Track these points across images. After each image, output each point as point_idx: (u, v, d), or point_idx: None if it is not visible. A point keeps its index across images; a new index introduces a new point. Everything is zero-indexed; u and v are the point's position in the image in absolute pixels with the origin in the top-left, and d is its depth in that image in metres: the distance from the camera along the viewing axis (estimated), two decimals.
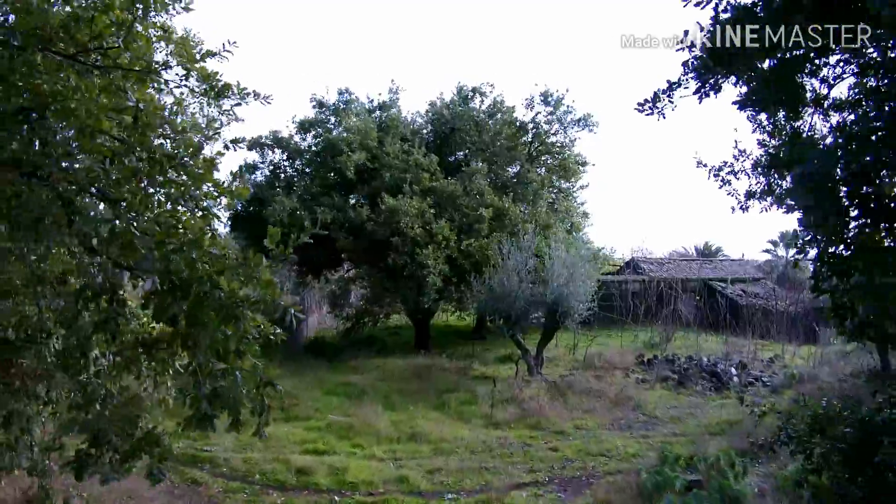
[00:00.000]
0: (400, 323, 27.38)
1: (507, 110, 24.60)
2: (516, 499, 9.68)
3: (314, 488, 10.03)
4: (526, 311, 18.14)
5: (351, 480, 10.22)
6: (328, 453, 11.49)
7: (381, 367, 18.74)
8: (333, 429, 12.87)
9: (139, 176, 3.27)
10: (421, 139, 23.03)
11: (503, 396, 15.08)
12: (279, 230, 3.36)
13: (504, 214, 20.97)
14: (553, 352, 20.93)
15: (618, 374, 18.53)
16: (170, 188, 3.43)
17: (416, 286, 19.19)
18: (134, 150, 3.35)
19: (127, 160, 3.32)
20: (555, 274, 17.55)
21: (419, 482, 10.27)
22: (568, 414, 14.41)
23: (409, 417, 13.69)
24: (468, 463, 11.17)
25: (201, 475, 10.41)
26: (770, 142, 6.92)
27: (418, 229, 19.00)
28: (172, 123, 4.06)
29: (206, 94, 4.42)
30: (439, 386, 16.42)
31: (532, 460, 11.52)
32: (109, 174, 3.22)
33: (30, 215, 3.29)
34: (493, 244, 19.12)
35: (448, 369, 18.54)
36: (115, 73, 3.56)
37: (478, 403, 14.89)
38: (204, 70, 4.19)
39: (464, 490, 10.09)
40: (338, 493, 9.79)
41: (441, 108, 24.25)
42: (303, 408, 14.20)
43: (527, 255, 18.27)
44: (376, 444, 12.09)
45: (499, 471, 10.90)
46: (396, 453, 11.65)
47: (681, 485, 8.76)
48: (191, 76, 4.04)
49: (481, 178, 21.40)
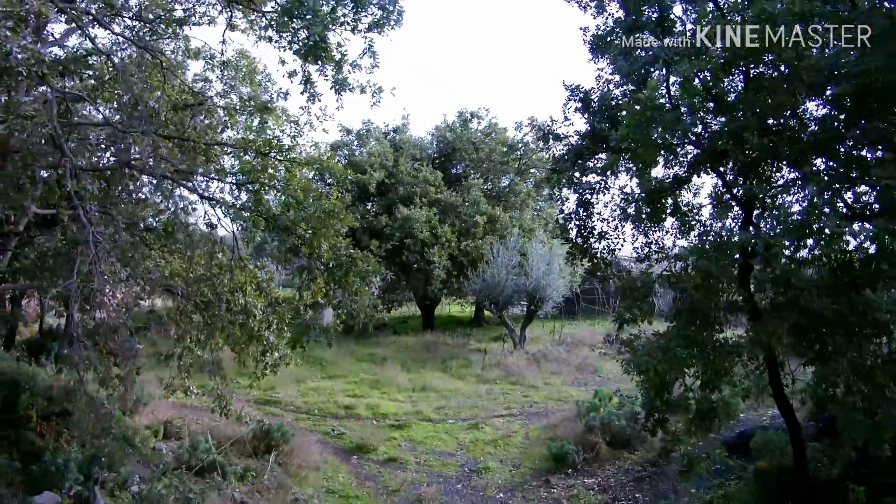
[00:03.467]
0: (408, 314, 31.52)
1: (499, 131, 28.59)
2: (495, 422, 13.84)
3: (357, 417, 14.20)
4: (511, 297, 22.26)
5: (382, 412, 14.38)
6: (364, 397, 15.65)
7: (397, 342, 22.92)
8: (365, 382, 17.07)
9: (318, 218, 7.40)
10: (427, 157, 27.09)
11: (492, 362, 19.22)
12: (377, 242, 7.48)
13: (496, 220, 25.07)
14: (537, 332, 25.04)
15: (585, 349, 22.55)
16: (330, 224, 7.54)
17: (425, 278, 23.33)
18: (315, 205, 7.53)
19: (313, 210, 7.44)
20: (534, 268, 21.67)
21: (429, 414, 14.44)
22: (540, 375, 18.52)
23: (420, 376, 17.84)
24: (463, 403, 15.34)
25: (277, 410, 14.55)
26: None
27: (426, 233, 23.11)
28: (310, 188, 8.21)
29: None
30: (443, 355, 20.57)
31: (509, 403, 15.66)
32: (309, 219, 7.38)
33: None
34: (486, 245, 23.25)
35: (450, 344, 22.69)
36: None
37: (472, 367, 19.05)
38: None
39: (460, 418, 14.24)
40: (374, 419, 13.96)
41: (444, 130, 28.29)
42: (341, 370, 18.40)
43: (513, 253, 22.40)
44: (397, 392, 16.26)
45: (484, 408, 15.04)
46: (412, 398, 15.81)
47: (604, 409, 12.82)
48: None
49: (477, 190, 25.49)
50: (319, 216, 7.41)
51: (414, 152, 26.58)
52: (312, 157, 8.03)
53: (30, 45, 5.67)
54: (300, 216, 7.68)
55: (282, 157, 7.83)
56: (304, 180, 7.98)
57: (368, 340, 23.85)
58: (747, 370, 8.51)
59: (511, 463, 11.64)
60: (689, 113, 5.96)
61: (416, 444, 12.52)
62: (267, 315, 8.28)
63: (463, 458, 11.86)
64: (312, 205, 7.62)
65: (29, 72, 5.54)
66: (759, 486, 8.93)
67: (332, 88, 7.42)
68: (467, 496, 10.25)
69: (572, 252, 8.18)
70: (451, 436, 13.05)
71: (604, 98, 6.84)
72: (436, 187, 24.94)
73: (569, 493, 10.21)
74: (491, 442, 12.69)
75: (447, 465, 11.49)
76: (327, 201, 7.35)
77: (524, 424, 13.82)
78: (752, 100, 5.51)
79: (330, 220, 7.40)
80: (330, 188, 8.08)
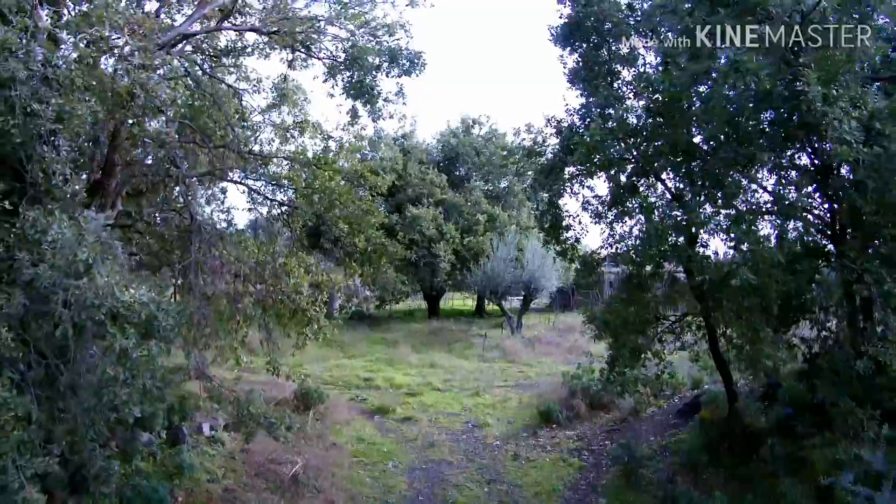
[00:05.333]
0: (414, 307, 33.75)
1: (499, 136, 30.74)
2: (494, 391, 16.04)
3: (376, 387, 16.38)
4: (509, 288, 24.47)
5: (397, 384, 16.57)
6: (380, 372, 17.83)
7: (406, 328, 25.14)
8: (381, 361, 19.27)
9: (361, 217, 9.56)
10: (433, 160, 29.26)
11: (491, 345, 21.41)
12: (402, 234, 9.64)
13: (495, 219, 27.27)
14: (533, 321, 27.24)
15: (576, 334, 24.65)
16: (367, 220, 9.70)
17: (431, 271, 25.52)
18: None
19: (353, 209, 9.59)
20: (529, 262, 23.86)
21: (437, 385, 16.62)
22: (534, 355, 20.71)
23: (428, 356, 20.02)
24: (466, 377, 17.53)
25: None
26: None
27: (433, 230, 25.29)
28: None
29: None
30: (448, 339, 22.78)
31: (506, 377, 17.85)
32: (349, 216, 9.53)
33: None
34: (487, 240, 25.44)
35: (454, 330, 24.90)
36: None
37: (474, 349, 21.26)
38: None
39: (464, 388, 16.43)
40: (391, 389, 16.14)
41: (448, 135, 30.46)
42: (358, 350, 20.61)
43: (510, 248, 24.59)
44: (409, 368, 18.46)
45: (485, 381, 17.23)
46: (422, 373, 18.01)
47: (585, 378, 14.97)
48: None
49: (478, 191, 27.67)
50: (358, 213, 9.59)
51: (421, 157, 28.74)
52: (354, 167, 10.18)
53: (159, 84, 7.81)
54: (342, 213, 9.84)
55: (327, 168, 10.00)
56: (346, 185, 10.12)
57: (380, 327, 26.11)
58: (695, 337, 10.76)
59: (506, 421, 13.82)
60: (616, 144, 8.20)
61: (428, 407, 14.70)
62: (313, 293, 10.47)
63: (466, 417, 14.04)
64: (353, 204, 9.78)
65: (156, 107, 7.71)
66: (702, 431, 11.10)
67: (369, 116, 9.62)
68: (470, 443, 12.44)
69: (547, 239, 10.44)
70: (457, 401, 15.24)
71: (569, 128, 9.03)
72: (441, 189, 27.10)
73: (552, 441, 12.41)
74: (490, 405, 14.87)
75: (454, 422, 13.68)
76: (364, 202, 9.52)
77: (518, 393, 16.00)
78: (659, 133, 7.76)
79: (366, 216, 9.58)
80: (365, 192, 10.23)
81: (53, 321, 4.63)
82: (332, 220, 9.88)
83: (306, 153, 10.39)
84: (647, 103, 8.04)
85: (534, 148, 10.14)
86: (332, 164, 9.66)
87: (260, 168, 10.39)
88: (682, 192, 8.52)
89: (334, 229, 10.14)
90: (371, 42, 9.03)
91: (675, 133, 7.54)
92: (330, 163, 9.68)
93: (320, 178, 9.69)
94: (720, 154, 7.12)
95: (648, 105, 7.99)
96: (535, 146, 10.15)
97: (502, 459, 11.65)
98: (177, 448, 9.50)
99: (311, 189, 9.78)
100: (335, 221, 9.84)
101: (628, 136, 8.30)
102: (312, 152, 10.42)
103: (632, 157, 8.60)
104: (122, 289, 4.72)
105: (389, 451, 11.84)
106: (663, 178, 8.95)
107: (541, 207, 10.50)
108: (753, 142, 6.92)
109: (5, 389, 4.67)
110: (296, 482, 9.75)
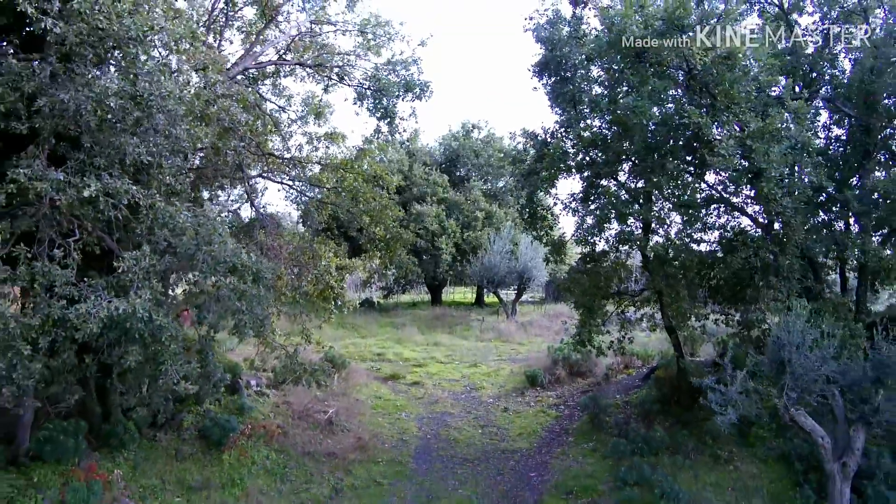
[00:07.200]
0: (418, 299, 36.14)
1: (496, 140, 33.06)
2: (489, 363, 18.44)
3: (387, 360, 18.77)
4: (504, 278, 26.84)
5: (406, 357, 18.97)
6: (390, 348, 20.21)
7: (412, 314, 27.53)
8: (390, 339, 21.67)
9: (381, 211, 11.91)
10: (435, 162, 31.61)
11: (488, 327, 23.81)
12: (413, 226, 12.02)
13: (492, 215, 29.63)
14: (527, 308, 29.63)
15: (566, 318, 27.13)
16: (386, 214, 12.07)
17: (434, 263, 27.90)
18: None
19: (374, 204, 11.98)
20: (523, 254, 26.23)
21: (440, 358, 19.02)
22: (527, 336, 23.09)
23: (432, 336, 22.42)
24: (466, 353, 19.93)
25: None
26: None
27: (435, 226, 27.66)
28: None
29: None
30: (450, 323, 25.18)
31: (500, 353, 20.25)
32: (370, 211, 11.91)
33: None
34: (485, 235, 27.81)
35: (455, 315, 27.29)
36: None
37: (472, 331, 23.64)
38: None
39: (463, 361, 18.83)
40: (400, 361, 18.54)
41: (450, 139, 32.79)
42: (370, 332, 23.01)
43: (506, 242, 26.96)
44: (415, 346, 20.85)
45: (481, 355, 19.62)
46: (427, 349, 20.41)
47: (567, 350, 17.35)
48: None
49: (477, 190, 30.03)
50: (378, 208, 11.96)
51: (425, 159, 31.09)
52: (375, 170, 12.50)
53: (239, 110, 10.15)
54: (365, 208, 12.18)
55: (353, 171, 12.35)
56: (367, 185, 12.44)
57: (388, 313, 28.51)
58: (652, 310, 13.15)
59: (499, 385, 16.22)
60: (580, 152, 10.65)
61: (432, 375, 17.10)
62: (340, 273, 12.83)
63: (465, 383, 16.43)
64: (374, 201, 12.12)
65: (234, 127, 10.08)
66: (656, 387, 13.49)
67: (388, 132, 12.01)
68: (468, 401, 14.84)
69: (526, 227, 12.91)
70: (457, 370, 17.64)
71: (542, 142, 11.42)
72: (443, 188, 29.46)
73: (536, 399, 14.81)
74: (485, 374, 17.27)
75: (454, 386, 16.09)
76: (382, 198, 11.92)
77: (510, 364, 18.39)
78: (613, 144, 10.22)
79: (385, 210, 11.96)
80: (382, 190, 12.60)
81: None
82: (357, 214, 12.23)
83: (336, 159, 12.75)
84: (600, 123, 10.45)
85: (517, 156, 12.54)
86: (356, 169, 12.01)
87: (296, 170, 12.73)
88: (637, 189, 10.96)
89: (358, 221, 12.50)
90: (391, 75, 11.45)
91: (620, 145, 9.98)
92: (355, 167, 12.03)
93: (347, 179, 12.03)
94: (647, 162, 9.57)
95: (601, 124, 10.41)
96: (518, 154, 12.55)
97: (494, 411, 14.06)
98: (237, 395, 11.92)
99: (339, 188, 12.13)
100: (359, 215, 12.20)
101: (591, 147, 10.71)
102: (340, 158, 12.77)
103: (593, 162, 10.99)
104: (236, 253, 7.08)
105: (402, 406, 14.25)
106: (619, 178, 11.37)
107: (521, 202, 13.02)
108: (666, 154, 9.37)
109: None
110: (330, 423, 12.17)
